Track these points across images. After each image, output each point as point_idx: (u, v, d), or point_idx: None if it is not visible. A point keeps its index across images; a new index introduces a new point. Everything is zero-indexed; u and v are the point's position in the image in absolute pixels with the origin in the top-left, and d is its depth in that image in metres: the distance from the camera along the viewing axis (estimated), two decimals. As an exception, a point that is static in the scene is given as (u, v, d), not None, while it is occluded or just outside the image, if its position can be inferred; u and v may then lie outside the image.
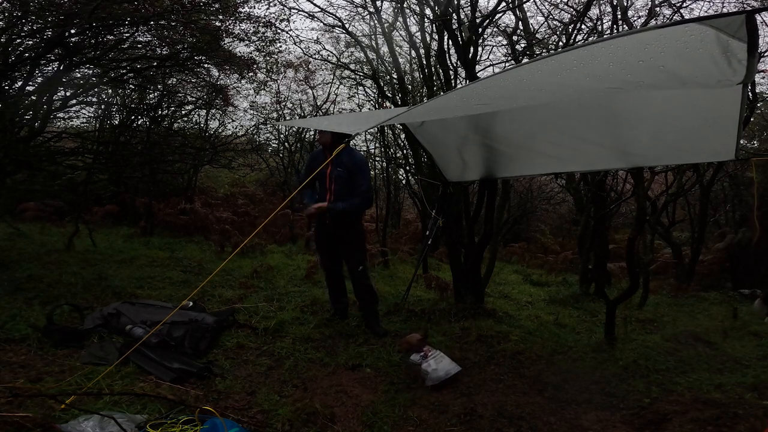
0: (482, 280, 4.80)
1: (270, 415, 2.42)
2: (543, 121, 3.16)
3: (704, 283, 7.08)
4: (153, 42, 5.81)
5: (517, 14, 5.19)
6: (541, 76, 1.89)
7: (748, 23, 1.32)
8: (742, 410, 2.47)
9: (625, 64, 1.70)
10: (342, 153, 3.50)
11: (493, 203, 4.61)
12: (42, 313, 3.35)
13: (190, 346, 3.07)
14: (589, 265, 6.03)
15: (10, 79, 4.91)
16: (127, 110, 8.63)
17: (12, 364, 2.63)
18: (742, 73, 1.52)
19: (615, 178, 6.55)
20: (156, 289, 4.43)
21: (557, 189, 10.56)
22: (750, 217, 7.83)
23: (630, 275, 4.00)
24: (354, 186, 3.63)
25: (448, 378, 2.88)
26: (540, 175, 6.96)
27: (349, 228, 3.70)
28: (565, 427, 2.48)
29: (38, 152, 5.47)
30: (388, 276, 6.24)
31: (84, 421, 1.95)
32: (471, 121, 3.43)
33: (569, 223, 11.97)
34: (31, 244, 5.73)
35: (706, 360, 3.42)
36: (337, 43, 8.21)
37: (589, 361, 3.38)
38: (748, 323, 4.56)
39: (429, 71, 5.60)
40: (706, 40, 1.42)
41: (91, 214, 7.90)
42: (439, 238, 7.65)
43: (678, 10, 4.77)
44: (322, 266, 4.05)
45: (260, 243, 7.22)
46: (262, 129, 11.52)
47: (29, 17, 4.56)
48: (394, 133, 9.04)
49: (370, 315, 3.80)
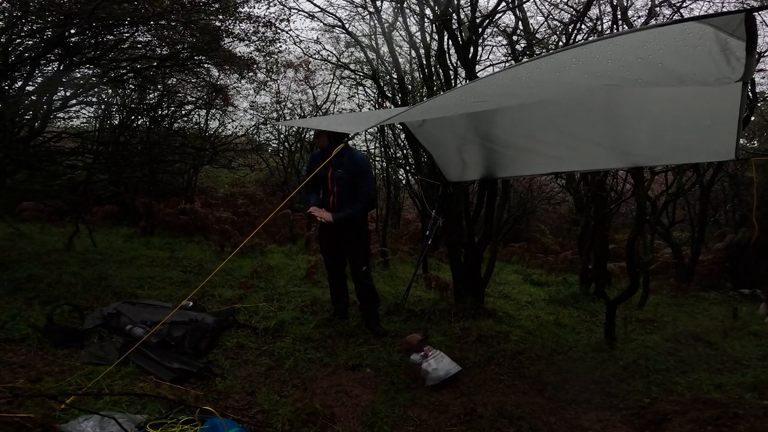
0: (482, 280, 4.80)
1: (270, 415, 2.42)
2: (543, 121, 3.16)
3: (704, 283, 7.08)
4: (153, 42, 5.82)
5: (517, 14, 5.19)
6: (540, 74, 1.90)
7: (747, 22, 1.32)
8: (742, 410, 2.47)
9: (623, 61, 1.70)
10: (342, 154, 3.50)
11: (493, 203, 4.61)
12: (42, 313, 3.35)
13: (190, 346, 3.07)
14: (589, 265, 6.03)
15: (10, 79, 4.91)
16: (127, 110, 8.64)
17: (12, 364, 2.63)
18: (740, 71, 1.52)
19: (615, 178, 6.55)
20: (156, 289, 4.43)
21: (557, 189, 10.56)
22: (750, 217, 7.83)
23: (630, 275, 4.00)
24: (356, 187, 3.61)
25: (449, 378, 2.88)
26: (540, 175, 6.95)
27: (354, 228, 3.68)
28: (565, 427, 2.48)
29: (38, 152, 5.47)
30: (388, 276, 6.24)
31: (84, 421, 1.95)
32: (471, 121, 3.44)
33: (569, 223, 11.97)
34: (31, 244, 5.73)
35: (706, 360, 3.42)
36: (337, 43, 8.22)
37: (589, 361, 3.38)
38: (748, 323, 4.56)
39: (429, 71, 5.60)
40: (705, 38, 1.42)
41: (91, 214, 7.90)
42: (439, 238, 7.65)
43: (678, 10, 4.77)
44: (324, 266, 4.04)
45: (260, 243, 7.22)
46: (262, 129, 11.55)
47: (29, 17, 4.56)
48: (394, 133, 9.05)
49: (370, 315, 3.80)
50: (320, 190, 3.78)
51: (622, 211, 9.87)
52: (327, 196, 3.69)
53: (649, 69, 1.71)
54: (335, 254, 3.84)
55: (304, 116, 10.89)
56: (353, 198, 3.62)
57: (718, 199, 9.33)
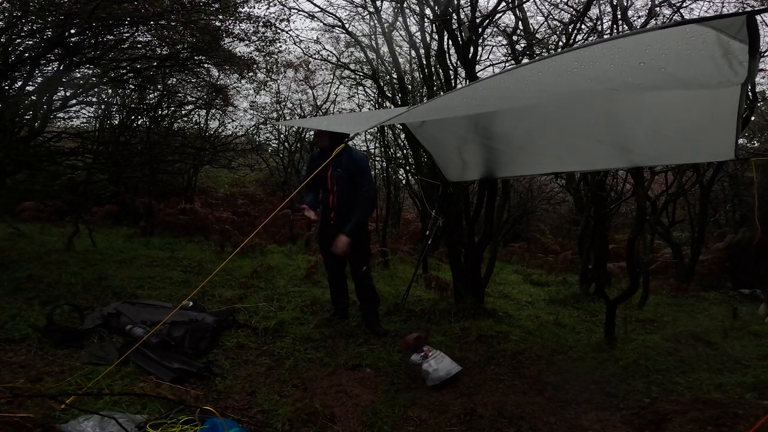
0: (482, 280, 4.80)
1: (270, 415, 2.42)
2: (542, 121, 3.16)
3: (704, 283, 7.08)
4: (153, 42, 5.82)
5: (517, 14, 5.19)
6: (542, 77, 1.88)
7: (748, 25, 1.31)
8: (742, 410, 2.47)
9: (625, 66, 1.69)
10: (341, 153, 3.49)
11: (493, 203, 4.61)
12: (42, 313, 3.35)
13: (190, 346, 3.07)
14: (589, 265, 6.03)
15: (10, 79, 4.91)
16: (127, 110, 8.64)
17: (12, 364, 2.63)
18: (743, 74, 1.51)
19: (615, 178, 6.55)
20: (156, 289, 4.43)
21: (557, 189, 10.57)
22: (750, 217, 7.83)
23: (630, 275, 4.01)
24: (356, 186, 3.61)
25: (449, 378, 2.88)
26: (540, 175, 6.96)
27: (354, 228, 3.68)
28: (565, 427, 2.48)
29: (38, 152, 5.47)
30: (388, 276, 6.24)
31: (84, 421, 1.95)
32: (471, 120, 3.43)
33: (569, 223, 11.97)
34: (31, 244, 5.73)
35: (706, 360, 3.42)
36: (337, 43, 8.22)
37: (589, 361, 3.38)
38: (748, 323, 4.57)
39: (429, 71, 5.60)
40: (707, 42, 1.41)
41: (91, 214, 7.90)
42: (439, 238, 7.65)
43: (678, 10, 4.77)
44: (324, 266, 4.02)
45: (260, 243, 7.22)
46: (262, 129, 11.55)
47: (29, 17, 4.56)
48: (394, 133, 9.05)
49: (370, 315, 3.80)
50: (320, 189, 3.78)
51: (622, 211, 9.88)
52: (327, 195, 3.69)
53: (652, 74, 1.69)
54: (335, 254, 3.83)
55: (304, 116, 10.90)
56: (353, 197, 3.62)
57: (718, 199, 9.34)
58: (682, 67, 1.63)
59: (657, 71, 1.67)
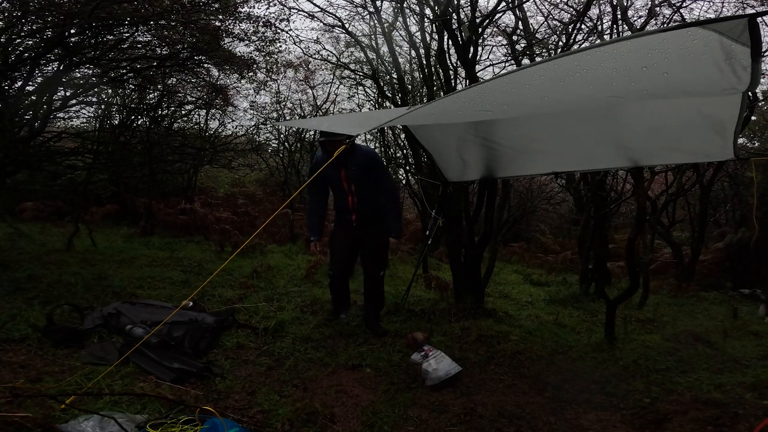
0: (482, 280, 4.80)
1: (270, 415, 2.42)
2: (543, 122, 3.15)
3: (704, 283, 7.07)
4: (153, 42, 5.82)
5: (517, 14, 5.19)
6: (543, 82, 1.84)
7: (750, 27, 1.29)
8: (742, 410, 2.47)
9: (628, 70, 1.65)
10: (351, 152, 3.48)
11: (493, 203, 4.61)
12: (42, 313, 3.35)
13: (190, 346, 3.07)
14: (589, 264, 6.03)
15: (10, 79, 4.91)
16: (127, 110, 8.64)
17: (12, 364, 2.63)
18: (746, 80, 1.48)
19: (615, 178, 6.55)
20: (156, 289, 4.42)
21: (557, 189, 10.56)
22: (750, 217, 7.83)
23: (630, 275, 4.00)
24: (375, 180, 3.54)
25: (449, 378, 2.88)
26: (540, 175, 6.95)
27: (378, 230, 3.66)
28: (565, 427, 2.48)
29: (38, 152, 5.48)
30: (388, 276, 6.22)
31: (84, 421, 1.94)
32: (471, 122, 3.43)
33: (569, 223, 11.98)
34: (31, 244, 5.73)
35: (706, 360, 3.42)
36: (337, 43, 8.22)
37: (589, 361, 3.38)
38: (748, 323, 4.56)
39: (429, 71, 5.60)
40: (710, 45, 1.39)
41: (91, 214, 7.88)
42: (439, 238, 7.64)
43: (678, 10, 4.77)
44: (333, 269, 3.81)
45: (260, 243, 7.21)
46: (262, 129, 11.54)
47: (29, 17, 4.56)
48: (394, 133, 9.06)
49: (372, 315, 3.80)
50: (332, 194, 3.71)
51: (622, 211, 9.88)
52: (344, 197, 3.60)
53: (655, 79, 1.66)
54: (350, 257, 3.77)
55: (304, 116, 10.90)
56: (375, 193, 3.57)
57: (718, 199, 9.34)
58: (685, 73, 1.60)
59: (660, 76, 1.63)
